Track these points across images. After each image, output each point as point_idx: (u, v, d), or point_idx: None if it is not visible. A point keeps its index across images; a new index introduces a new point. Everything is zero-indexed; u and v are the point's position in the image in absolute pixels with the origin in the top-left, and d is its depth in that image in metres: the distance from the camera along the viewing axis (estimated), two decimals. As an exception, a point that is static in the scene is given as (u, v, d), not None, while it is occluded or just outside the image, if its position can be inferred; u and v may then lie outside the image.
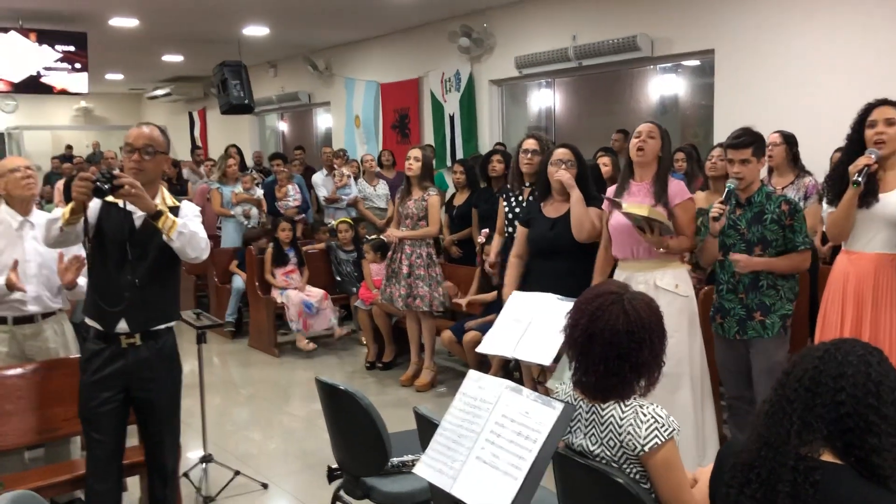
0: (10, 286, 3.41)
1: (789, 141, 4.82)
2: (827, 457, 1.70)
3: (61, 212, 2.88)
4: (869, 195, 3.18)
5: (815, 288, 4.06)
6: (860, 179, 3.12)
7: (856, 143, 3.26)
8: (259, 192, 8.09)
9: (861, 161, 3.14)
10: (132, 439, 3.24)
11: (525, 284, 4.17)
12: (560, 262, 4.05)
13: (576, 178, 4.07)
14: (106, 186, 2.74)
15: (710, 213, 3.61)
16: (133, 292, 2.94)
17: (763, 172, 4.21)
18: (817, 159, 5.04)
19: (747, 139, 3.52)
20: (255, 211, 7.95)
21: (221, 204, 7.99)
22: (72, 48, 9.16)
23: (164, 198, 3.07)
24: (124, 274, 2.94)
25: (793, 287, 3.55)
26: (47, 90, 9.28)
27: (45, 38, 8.99)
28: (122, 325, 2.98)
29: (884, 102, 3.22)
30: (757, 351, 3.54)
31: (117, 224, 2.93)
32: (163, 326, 3.09)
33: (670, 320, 3.54)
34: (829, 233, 3.35)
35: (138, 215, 2.96)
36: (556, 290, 3.33)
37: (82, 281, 3.47)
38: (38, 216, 3.64)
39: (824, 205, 3.42)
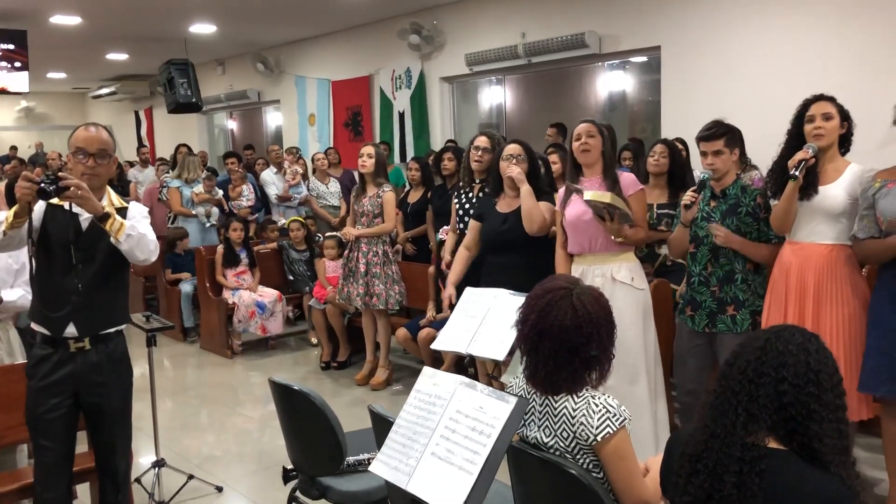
0: None
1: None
2: (772, 444, 1.75)
3: (3, 215, 2.79)
4: (809, 188, 3.27)
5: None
6: (796, 174, 3.21)
7: (795, 137, 3.35)
8: (220, 193, 8.00)
9: (798, 155, 3.23)
10: (81, 445, 3.17)
11: (478, 279, 4.19)
12: (512, 256, 4.09)
13: (526, 173, 4.10)
14: (51, 188, 2.65)
15: (683, 201, 3.65)
16: (79, 296, 2.88)
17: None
18: (764, 153, 5.14)
19: (719, 130, 3.53)
20: (215, 210, 7.85)
21: (181, 203, 7.88)
22: (11, 46, 8.91)
23: (111, 199, 3.01)
24: (70, 278, 2.87)
25: (763, 282, 3.58)
26: (-14, 89, 9.03)
27: (-17, 36, 8.75)
28: (71, 330, 2.92)
29: (821, 98, 3.31)
30: (723, 346, 3.52)
31: (62, 227, 2.86)
32: (112, 330, 3.03)
33: (627, 312, 3.64)
34: (773, 225, 3.43)
35: (84, 217, 2.89)
36: (508, 285, 3.36)
37: (7, 295, 3.41)
38: None
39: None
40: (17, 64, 9.02)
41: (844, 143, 3.32)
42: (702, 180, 3.60)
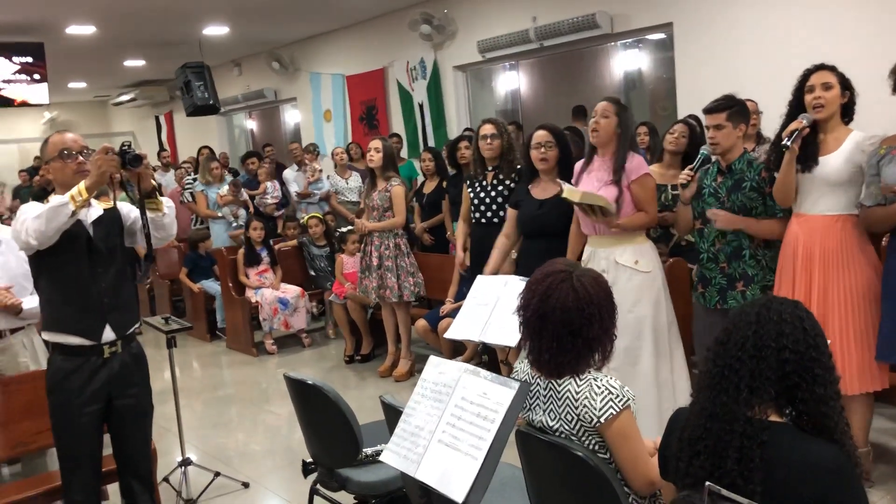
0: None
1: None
2: (773, 417, 1.74)
3: (62, 198, 2.74)
4: (809, 159, 3.23)
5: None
6: (789, 143, 3.17)
7: (795, 108, 3.31)
8: (245, 195, 8.08)
9: (791, 125, 3.20)
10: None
11: (517, 265, 4.25)
12: (548, 242, 4.09)
13: (556, 158, 4.12)
14: (132, 155, 2.75)
15: (679, 180, 3.64)
16: (109, 298, 2.94)
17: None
18: (775, 127, 5.09)
19: (721, 104, 3.51)
20: (242, 211, 7.95)
21: (207, 206, 7.99)
22: (29, 59, 9.05)
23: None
24: (95, 282, 2.92)
25: (774, 257, 3.54)
26: (7, 103, 9.17)
27: (2, 50, 8.88)
28: (108, 334, 2.95)
29: (821, 67, 3.26)
30: None
31: (72, 235, 2.88)
32: (133, 329, 3.10)
33: (629, 295, 3.64)
34: (776, 198, 3.39)
35: (89, 223, 2.94)
36: None
37: (27, 303, 3.47)
38: (4, 231, 3.62)
39: None
40: (37, 76, 9.16)
41: (847, 112, 3.27)
42: (702, 157, 3.56)
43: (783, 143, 3.17)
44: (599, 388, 2.07)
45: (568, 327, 2.08)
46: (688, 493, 1.76)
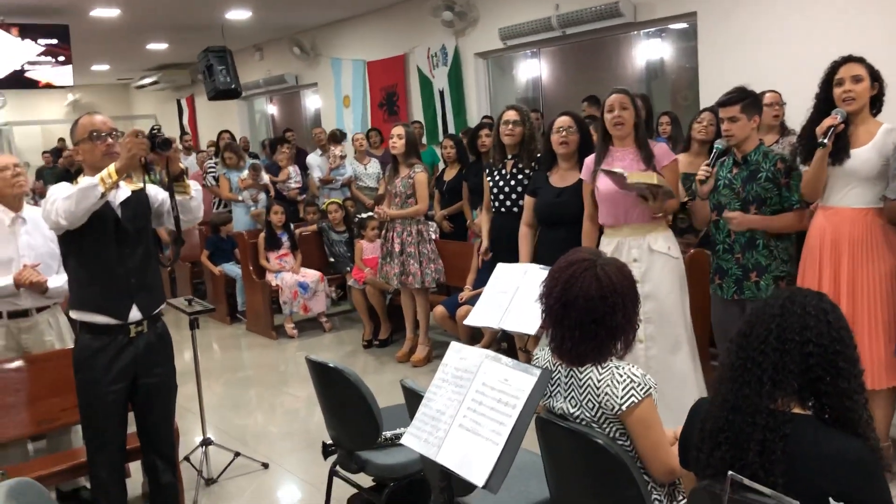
0: (20, 284, 3.46)
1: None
2: (796, 409, 1.75)
3: (92, 179, 2.78)
4: (841, 152, 3.20)
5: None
6: (825, 141, 3.14)
7: (823, 101, 3.28)
8: (266, 178, 8.14)
9: (826, 122, 3.16)
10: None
11: (535, 254, 4.24)
12: (567, 230, 4.08)
13: (577, 144, 4.12)
14: (162, 139, 2.80)
15: (697, 176, 3.63)
16: (136, 278, 2.98)
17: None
18: (803, 118, 5.04)
19: (735, 96, 3.51)
20: (262, 195, 8.01)
21: (230, 189, 8.05)
22: (54, 41, 9.11)
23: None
24: (122, 263, 2.97)
25: (787, 248, 3.55)
26: (32, 84, 9.23)
27: (28, 32, 8.94)
28: (135, 314, 3.00)
29: (849, 59, 3.23)
30: None
31: (101, 214, 2.92)
32: (159, 309, 3.14)
33: (666, 282, 3.64)
34: (804, 191, 3.38)
35: (117, 204, 2.98)
36: None
37: (53, 282, 3.53)
38: (30, 211, 3.68)
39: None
40: (61, 58, 9.22)
41: (876, 103, 3.24)
42: (716, 150, 3.55)
43: (820, 140, 3.14)
44: (622, 376, 2.09)
45: (591, 315, 2.09)
46: (708, 482, 1.78)
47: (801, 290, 1.81)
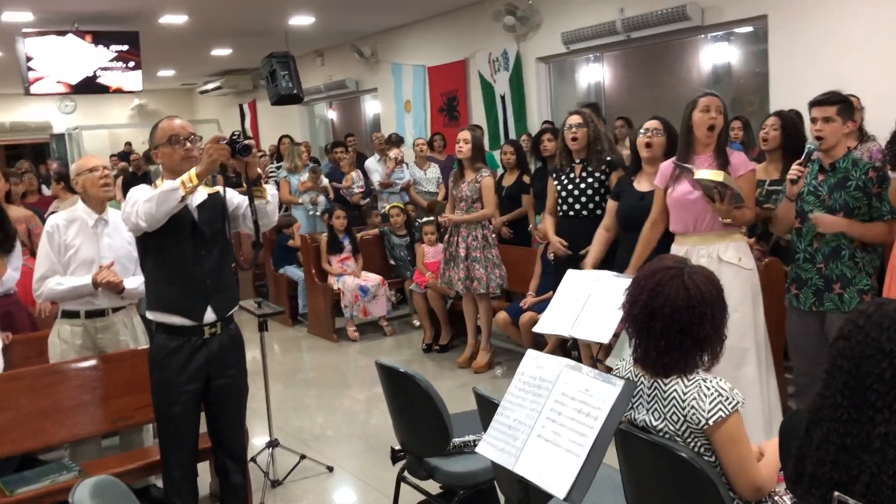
0: (97, 284, 3.53)
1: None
2: None
3: (172, 183, 2.82)
4: None
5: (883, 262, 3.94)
6: None
7: None
8: (325, 181, 8.22)
9: None
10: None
11: (615, 257, 4.18)
12: None
13: (664, 147, 4.06)
14: (242, 145, 2.84)
15: (789, 176, 3.49)
16: (212, 280, 3.03)
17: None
18: (881, 124, 4.87)
19: (832, 97, 3.41)
20: (321, 198, 8.08)
21: (290, 192, 8.17)
22: (125, 47, 9.37)
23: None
24: (199, 264, 3.02)
25: (872, 261, 3.42)
26: (103, 90, 9.53)
27: (100, 39, 9.21)
28: (210, 315, 3.05)
29: None
30: (832, 325, 3.38)
31: (179, 217, 2.96)
32: (233, 311, 3.18)
33: (735, 294, 3.49)
34: (892, 199, 3.24)
35: (194, 207, 3.03)
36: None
37: (129, 283, 3.59)
38: (112, 213, 3.76)
39: None
40: (131, 64, 9.48)
41: None
42: (808, 151, 3.43)
43: None
44: (709, 389, 2.02)
45: (677, 325, 2.03)
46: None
47: (889, 301, 1.70)
